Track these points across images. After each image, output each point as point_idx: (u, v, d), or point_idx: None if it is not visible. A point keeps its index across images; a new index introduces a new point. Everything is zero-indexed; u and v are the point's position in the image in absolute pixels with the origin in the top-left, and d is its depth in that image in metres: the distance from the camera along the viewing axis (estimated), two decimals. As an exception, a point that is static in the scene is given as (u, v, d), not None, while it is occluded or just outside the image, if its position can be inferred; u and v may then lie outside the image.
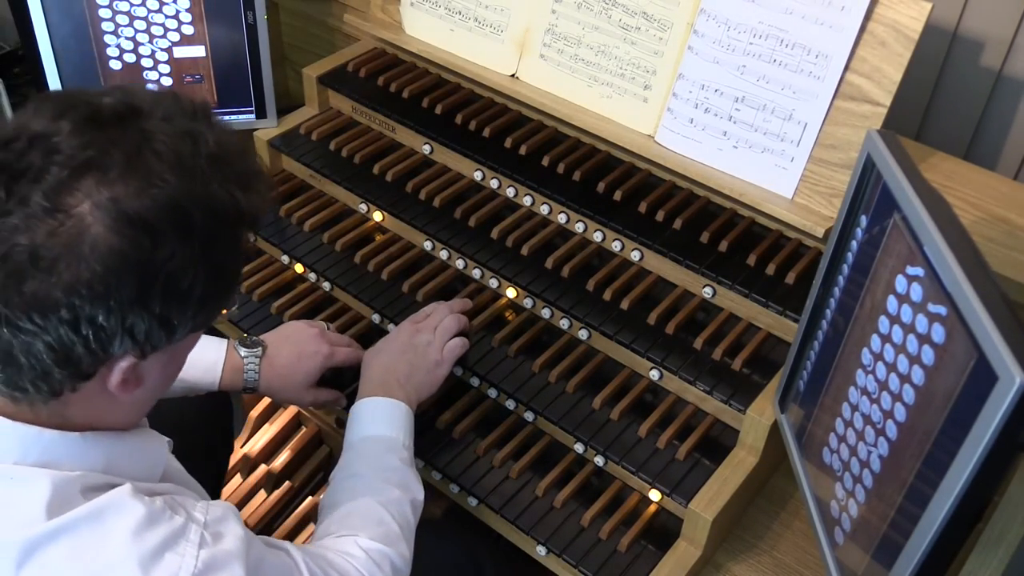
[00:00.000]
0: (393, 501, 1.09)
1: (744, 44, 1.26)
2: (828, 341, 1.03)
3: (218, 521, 0.86)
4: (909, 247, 0.84)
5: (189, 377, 1.23)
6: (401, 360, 1.24)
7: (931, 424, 0.78)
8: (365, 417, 1.18)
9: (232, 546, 0.85)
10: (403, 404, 1.19)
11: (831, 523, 0.99)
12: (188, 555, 0.81)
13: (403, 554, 1.06)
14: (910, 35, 1.15)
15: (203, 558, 0.82)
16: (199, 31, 1.56)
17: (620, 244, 1.36)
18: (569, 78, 1.43)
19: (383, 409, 1.18)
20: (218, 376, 1.23)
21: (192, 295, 0.79)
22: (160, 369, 0.85)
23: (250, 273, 1.51)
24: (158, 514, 0.81)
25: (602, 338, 1.30)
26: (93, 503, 0.79)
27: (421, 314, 1.32)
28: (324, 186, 1.58)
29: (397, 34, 1.59)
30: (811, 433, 1.05)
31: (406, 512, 1.09)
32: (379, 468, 1.12)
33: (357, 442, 1.16)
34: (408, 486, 1.12)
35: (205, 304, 0.81)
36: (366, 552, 1.01)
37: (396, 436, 1.16)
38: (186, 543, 0.82)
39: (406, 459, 1.15)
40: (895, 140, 0.91)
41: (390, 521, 1.06)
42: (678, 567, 1.15)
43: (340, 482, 1.12)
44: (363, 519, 1.06)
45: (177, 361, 0.89)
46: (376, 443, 1.15)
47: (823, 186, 1.24)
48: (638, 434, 1.22)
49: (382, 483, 1.10)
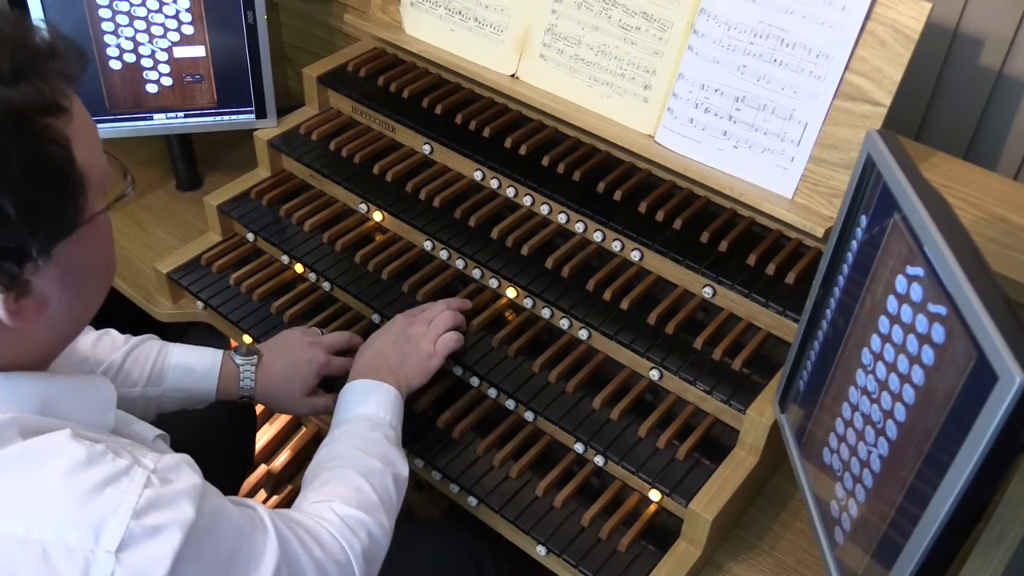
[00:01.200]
0: (374, 472, 1.08)
1: (745, 44, 1.26)
2: (828, 341, 1.03)
3: (170, 468, 0.82)
4: (909, 247, 0.84)
5: (185, 385, 1.23)
6: (392, 348, 1.24)
7: (931, 424, 0.78)
8: (352, 398, 1.18)
9: (183, 489, 0.80)
10: (391, 387, 1.19)
11: (831, 523, 0.99)
12: (131, 492, 0.77)
13: (382, 524, 1.04)
14: (910, 35, 1.15)
15: (147, 496, 0.77)
16: (199, 31, 1.56)
17: (620, 244, 1.36)
18: (569, 78, 1.43)
19: (370, 390, 1.18)
20: (214, 384, 1.23)
21: (7, 212, 0.72)
22: (57, 285, 0.79)
23: (250, 273, 1.51)
24: (98, 456, 0.77)
25: (602, 338, 1.30)
26: (28, 443, 0.76)
27: (417, 309, 1.33)
28: (324, 186, 1.58)
29: (397, 34, 1.59)
30: (811, 433, 1.05)
31: (387, 484, 1.08)
32: (361, 442, 1.11)
33: (341, 422, 1.16)
34: (391, 460, 1.11)
35: (41, 213, 0.74)
36: (341, 517, 0.99)
37: (382, 416, 1.16)
38: (129, 481, 0.77)
39: (391, 437, 1.15)
40: (895, 140, 0.91)
41: (369, 490, 1.05)
42: (678, 567, 1.15)
43: (321, 456, 1.11)
44: (341, 486, 1.04)
45: (77, 270, 0.81)
46: (361, 421, 1.15)
47: (823, 186, 1.24)
48: (638, 434, 1.22)
49: (363, 455, 1.09)
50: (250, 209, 1.56)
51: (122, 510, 0.76)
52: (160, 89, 1.59)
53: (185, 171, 1.78)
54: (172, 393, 1.23)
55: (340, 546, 0.97)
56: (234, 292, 1.49)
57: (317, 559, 0.93)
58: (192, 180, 1.79)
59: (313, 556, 0.93)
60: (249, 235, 1.56)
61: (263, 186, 1.58)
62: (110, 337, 1.23)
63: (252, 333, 1.43)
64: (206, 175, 1.82)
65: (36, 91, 0.74)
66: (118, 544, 0.75)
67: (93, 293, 0.86)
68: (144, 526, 0.76)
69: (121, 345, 1.22)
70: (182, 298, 1.56)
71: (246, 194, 1.58)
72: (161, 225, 1.72)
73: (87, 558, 0.74)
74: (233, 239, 1.58)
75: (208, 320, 1.55)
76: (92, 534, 0.75)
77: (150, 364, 1.22)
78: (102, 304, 0.89)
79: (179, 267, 1.53)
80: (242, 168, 1.65)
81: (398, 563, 1.19)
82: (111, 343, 1.22)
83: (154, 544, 0.77)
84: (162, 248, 1.65)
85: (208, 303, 1.48)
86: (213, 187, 1.63)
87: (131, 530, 0.76)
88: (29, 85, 0.74)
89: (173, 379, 1.23)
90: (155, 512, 0.77)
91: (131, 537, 0.76)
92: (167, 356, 1.23)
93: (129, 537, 0.75)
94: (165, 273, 1.53)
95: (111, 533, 0.75)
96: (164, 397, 1.22)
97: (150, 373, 1.22)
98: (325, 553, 0.95)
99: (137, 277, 1.62)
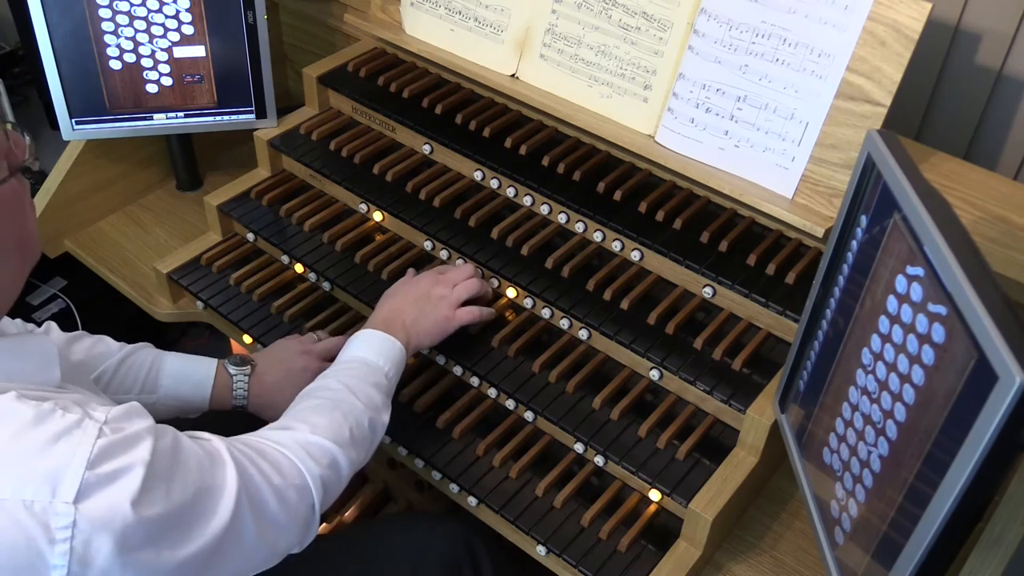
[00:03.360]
0: (354, 410, 1.08)
1: (747, 43, 1.26)
2: (828, 341, 1.03)
3: (120, 418, 0.82)
4: (909, 247, 0.84)
5: (179, 394, 1.23)
6: (412, 306, 1.26)
7: (931, 424, 0.78)
8: (357, 344, 1.20)
9: (136, 432, 0.81)
10: (399, 343, 1.20)
11: (831, 523, 0.99)
12: (84, 443, 0.77)
13: (350, 457, 1.04)
14: (910, 35, 1.15)
15: (100, 445, 0.77)
16: (199, 31, 1.56)
17: (620, 244, 1.36)
18: (569, 78, 1.43)
19: (378, 341, 1.20)
20: (208, 394, 1.24)
21: None
22: None
23: (250, 273, 1.51)
24: (47, 414, 0.77)
25: (602, 338, 1.30)
26: None
27: (444, 267, 1.33)
28: (324, 186, 1.58)
29: (397, 34, 1.59)
30: (811, 433, 1.05)
31: (363, 423, 1.09)
32: (351, 381, 1.12)
33: (340, 362, 1.18)
34: (374, 404, 1.12)
35: None
36: (302, 445, 0.99)
37: (381, 365, 1.17)
38: (82, 433, 0.78)
39: (382, 386, 1.15)
40: (895, 140, 0.91)
41: (342, 423, 1.05)
42: (678, 567, 1.15)
43: (311, 387, 1.13)
44: (314, 414, 1.05)
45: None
46: (359, 364, 1.16)
47: (823, 186, 1.24)
48: (638, 434, 1.22)
49: (347, 392, 1.10)
50: (250, 209, 1.56)
51: (76, 461, 0.76)
52: (160, 89, 1.59)
53: (185, 171, 1.78)
54: (166, 401, 1.23)
55: (298, 471, 0.98)
56: (234, 292, 1.49)
57: (275, 485, 0.94)
58: (192, 180, 1.79)
59: (271, 482, 0.94)
60: (249, 235, 1.56)
61: (263, 186, 1.58)
62: (104, 344, 1.23)
63: (252, 333, 1.43)
64: (206, 175, 1.82)
65: None
66: (75, 494, 0.76)
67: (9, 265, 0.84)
68: (99, 475, 0.77)
69: (116, 351, 1.22)
70: (182, 298, 1.56)
71: (246, 194, 1.58)
72: (161, 225, 1.72)
73: (45, 510, 0.75)
74: (233, 239, 1.58)
75: (208, 320, 1.55)
76: (48, 487, 0.75)
77: (144, 371, 1.22)
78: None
79: (179, 267, 1.54)
80: (242, 168, 1.65)
81: (394, 553, 1.19)
82: (105, 349, 1.22)
83: (112, 490, 0.77)
84: (162, 248, 1.65)
85: (208, 303, 1.48)
86: (213, 187, 1.63)
87: (87, 480, 0.76)
88: None
89: (167, 387, 1.23)
90: (110, 459, 0.78)
91: (87, 486, 0.76)
92: (162, 364, 1.23)
93: (85, 486, 0.76)
94: (165, 273, 1.53)
95: (67, 484, 0.76)
96: (158, 405, 1.22)
97: (144, 381, 1.22)
98: (284, 478, 0.95)
99: (137, 277, 1.62)
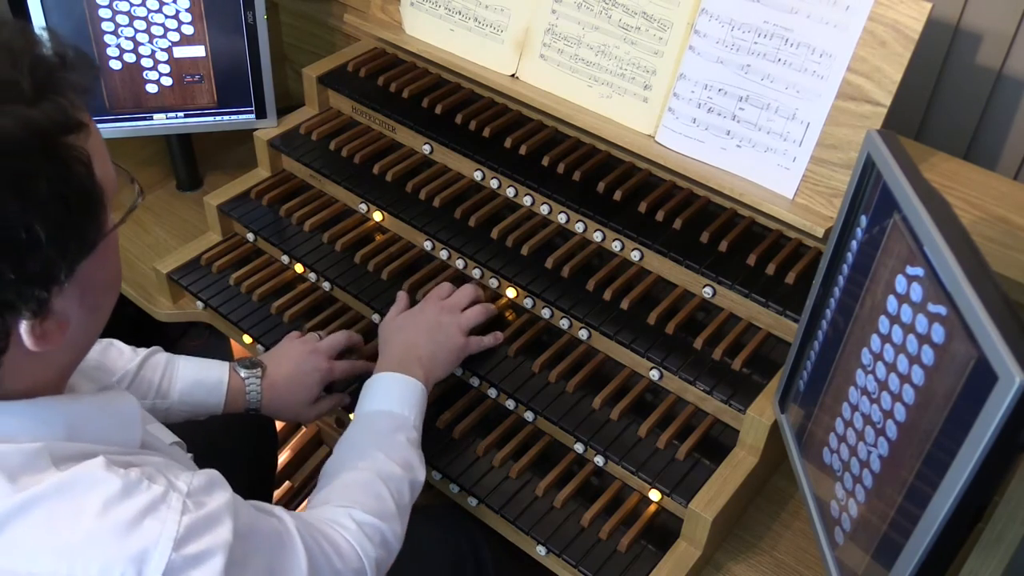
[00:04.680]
0: (394, 478, 1.08)
1: (749, 43, 1.26)
2: (828, 341, 1.03)
3: (202, 490, 0.82)
4: (909, 247, 0.84)
5: (193, 399, 1.22)
6: (425, 338, 1.24)
7: (931, 424, 0.78)
8: (379, 392, 1.18)
9: (218, 510, 0.81)
10: (420, 384, 1.19)
11: (831, 523, 0.99)
12: (169, 521, 0.77)
13: (396, 531, 1.05)
14: (910, 35, 1.15)
15: (185, 523, 0.78)
16: (199, 31, 1.56)
17: (620, 244, 1.36)
18: (569, 78, 1.43)
19: (399, 386, 1.18)
20: (222, 398, 1.23)
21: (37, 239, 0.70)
22: (77, 303, 0.78)
23: (250, 273, 1.51)
24: (134, 485, 0.77)
25: (602, 338, 1.30)
26: (64, 475, 0.75)
27: (444, 288, 1.32)
28: (324, 186, 1.58)
29: (397, 34, 1.59)
30: (811, 433, 1.05)
31: (404, 491, 1.09)
32: (385, 444, 1.12)
33: (366, 415, 1.16)
34: (411, 466, 1.12)
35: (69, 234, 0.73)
36: (359, 525, 1.01)
37: (407, 415, 1.16)
38: (167, 509, 0.78)
39: (413, 439, 1.15)
40: (895, 140, 0.91)
41: (387, 497, 1.06)
42: (678, 567, 1.15)
43: (343, 451, 1.12)
44: (362, 492, 1.05)
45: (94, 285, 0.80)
46: (386, 419, 1.15)
47: (823, 186, 1.24)
48: (638, 434, 1.22)
49: (385, 459, 1.10)
50: (250, 209, 1.56)
51: (163, 541, 0.76)
52: (160, 89, 1.59)
53: (185, 171, 1.78)
54: (180, 406, 1.22)
55: (357, 554, 0.99)
56: (234, 292, 1.49)
57: (337, 569, 0.96)
58: (192, 180, 1.79)
59: (334, 567, 0.95)
60: (249, 235, 1.56)
61: (263, 186, 1.58)
62: (115, 348, 1.22)
63: (252, 333, 1.43)
64: (206, 175, 1.82)
65: (57, 109, 0.72)
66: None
67: (107, 306, 0.85)
68: (185, 556, 0.77)
69: (128, 355, 1.21)
70: (182, 298, 1.56)
71: (246, 194, 1.58)
72: (161, 225, 1.72)
73: None
74: (233, 239, 1.58)
75: (208, 320, 1.55)
76: (135, 569, 0.75)
77: (158, 377, 1.21)
78: None
79: (179, 267, 1.54)
80: (242, 168, 1.65)
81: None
82: (116, 354, 1.21)
83: (196, 573, 0.78)
84: (162, 248, 1.65)
85: (208, 303, 1.48)
86: (213, 187, 1.63)
87: (173, 561, 0.76)
88: (50, 103, 0.72)
89: (182, 392, 1.22)
90: (195, 539, 0.78)
91: (173, 568, 0.76)
92: (175, 369, 1.23)
93: (171, 568, 0.76)
94: (165, 273, 1.53)
95: (154, 566, 0.76)
96: (172, 410, 1.22)
97: (159, 386, 1.21)
98: (344, 562, 0.97)
99: (137, 277, 1.62)
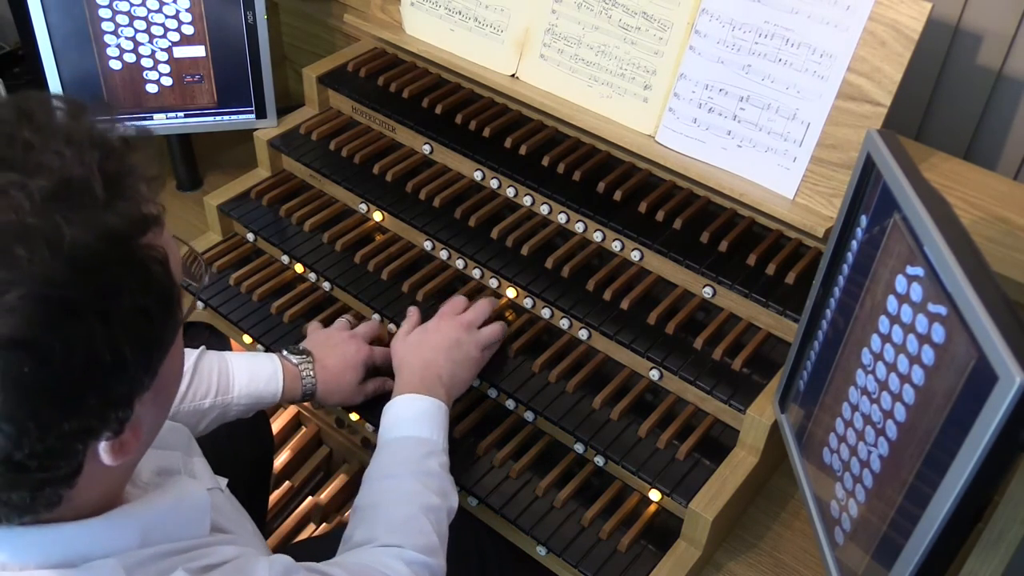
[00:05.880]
0: (433, 509, 1.07)
1: (750, 44, 1.26)
2: (828, 341, 1.03)
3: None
4: (909, 247, 0.84)
5: (253, 391, 1.22)
6: (445, 358, 1.22)
7: (931, 424, 0.78)
8: (406, 415, 1.16)
9: None
10: (444, 405, 1.18)
11: (831, 523, 0.99)
12: None
13: (441, 564, 1.05)
14: (910, 35, 1.15)
15: None
16: (199, 31, 1.56)
17: (620, 244, 1.36)
18: (569, 78, 1.43)
19: (425, 409, 1.16)
20: (279, 387, 1.22)
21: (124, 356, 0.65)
22: (152, 405, 0.74)
23: (250, 273, 1.51)
24: None
25: (602, 338, 1.30)
26: None
27: (459, 302, 1.32)
28: (324, 186, 1.58)
29: (397, 34, 1.59)
30: (811, 433, 1.05)
31: (443, 520, 1.09)
32: (420, 472, 1.10)
33: (396, 441, 1.14)
34: (446, 494, 1.11)
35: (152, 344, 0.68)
36: (408, 565, 1.00)
37: (436, 439, 1.14)
38: None
39: (444, 464, 1.14)
40: (895, 140, 0.91)
41: (431, 531, 1.05)
42: (678, 567, 1.15)
43: (380, 482, 1.10)
44: (407, 529, 1.04)
45: (167, 383, 0.76)
46: (416, 445, 1.13)
47: (823, 186, 1.24)
48: (638, 434, 1.22)
49: (423, 489, 1.08)
50: (250, 209, 1.56)
51: None
52: (160, 89, 1.59)
53: (185, 171, 1.78)
54: (240, 400, 1.21)
55: None
56: (234, 292, 1.49)
57: None
58: (192, 180, 1.79)
59: None
60: (249, 235, 1.56)
61: (263, 186, 1.58)
62: None
63: (252, 333, 1.43)
64: (206, 175, 1.82)
65: (132, 207, 0.65)
66: None
67: (176, 393, 0.80)
68: None
69: None
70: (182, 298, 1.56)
71: (246, 194, 1.58)
72: (161, 225, 1.72)
73: None
74: (233, 239, 1.58)
75: (208, 320, 1.55)
76: None
77: (216, 375, 1.20)
78: None
79: (179, 267, 1.53)
80: (242, 168, 1.65)
81: None
82: None
83: None
84: (162, 248, 1.65)
85: (208, 303, 1.48)
86: (213, 187, 1.63)
87: None
88: (125, 202, 0.64)
89: (242, 386, 1.21)
90: None
91: None
92: (229, 364, 1.22)
93: None
94: (165, 273, 1.52)
95: None
96: (232, 405, 1.21)
97: (218, 384, 1.20)
98: None
99: (137, 277, 1.61)
